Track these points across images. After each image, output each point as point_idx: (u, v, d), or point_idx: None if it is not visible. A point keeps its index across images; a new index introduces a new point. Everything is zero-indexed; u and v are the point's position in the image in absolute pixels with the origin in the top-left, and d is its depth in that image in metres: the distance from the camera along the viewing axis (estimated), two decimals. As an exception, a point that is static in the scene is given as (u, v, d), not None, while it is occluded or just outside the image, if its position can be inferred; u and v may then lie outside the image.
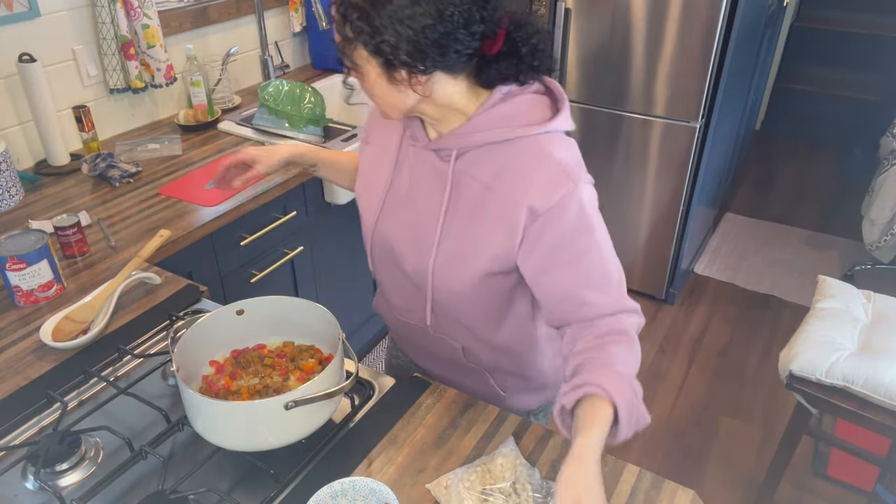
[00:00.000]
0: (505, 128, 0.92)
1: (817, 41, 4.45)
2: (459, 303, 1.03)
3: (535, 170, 0.90)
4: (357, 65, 0.90)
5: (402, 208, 1.04)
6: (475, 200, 0.95)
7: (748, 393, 2.46)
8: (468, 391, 1.18)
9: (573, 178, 0.90)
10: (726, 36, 2.30)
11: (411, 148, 1.02)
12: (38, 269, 1.26)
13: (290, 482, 0.93)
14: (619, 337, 0.92)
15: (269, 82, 2.03)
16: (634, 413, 0.86)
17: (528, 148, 0.92)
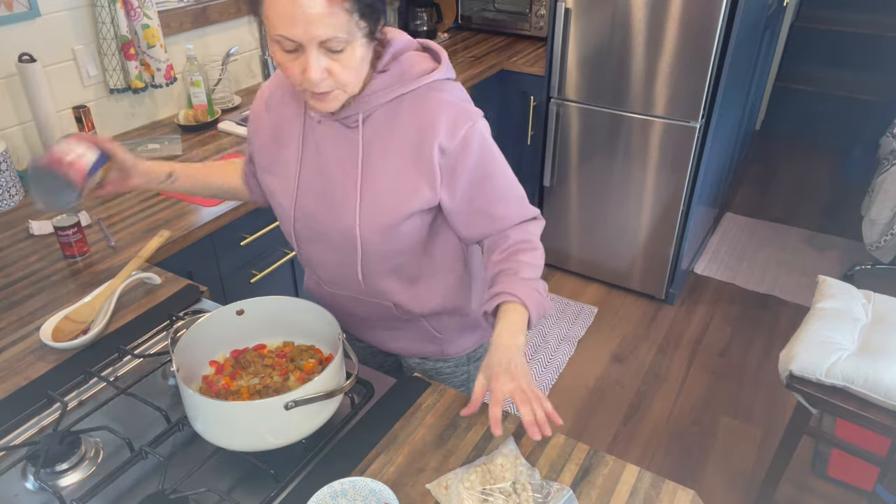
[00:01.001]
0: (401, 83, 1.01)
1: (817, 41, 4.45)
2: (388, 253, 1.11)
3: (436, 114, 1.00)
4: (346, 40, 0.89)
5: (317, 183, 1.09)
6: (387, 154, 1.03)
7: (748, 393, 2.46)
8: (407, 347, 1.28)
9: (471, 115, 1.02)
10: (726, 36, 2.30)
11: (317, 126, 1.07)
12: None
13: (290, 482, 0.93)
14: (524, 244, 1.09)
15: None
16: (540, 307, 1.05)
17: (425, 96, 1.02)
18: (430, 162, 1.02)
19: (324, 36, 0.87)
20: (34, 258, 1.45)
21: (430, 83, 1.02)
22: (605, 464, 0.97)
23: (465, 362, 1.33)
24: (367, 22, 0.90)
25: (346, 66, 0.92)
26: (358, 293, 1.18)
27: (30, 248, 1.49)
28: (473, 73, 2.63)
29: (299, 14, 0.85)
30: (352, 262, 1.12)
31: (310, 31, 0.87)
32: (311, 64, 0.90)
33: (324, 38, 0.87)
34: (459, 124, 1.01)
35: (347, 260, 1.12)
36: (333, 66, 0.91)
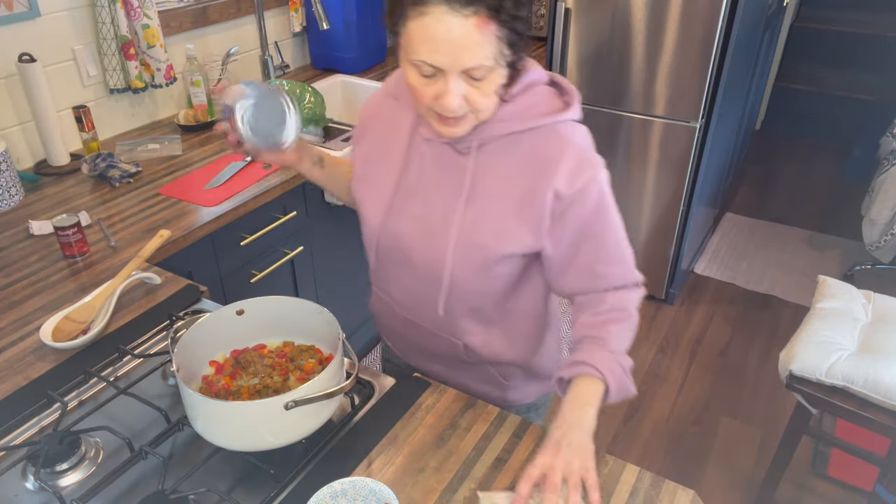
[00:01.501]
0: (527, 117, 0.95)
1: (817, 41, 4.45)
2: (474, 292, 1.05)
3: (559, 156, 0.95)
4: (490, 68, 0.86)
5: (413, 204, 1.04)
6: (495, 190, 0.98)
7: (748, 393, 2.46)
8: (466, 387, 1.20)
9: (594, 164, 0.96)
10: (726, 36, 2.30)
11: (424, 144, 1.02)
12: None
13: (290, 482, 0.93)
14: (619, 314, 1.01)
15: (270, 82, 2.03)
16: (622, 388, 0.97)
17: (549, 136, 0.96)
18: (540, 205, 0.96)
19: (470, 64, 0.84)
20: (34, 258, 1.45)
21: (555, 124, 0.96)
22: (605, 464, 0.97)
23: (525, 410, 1.26)
24: (513, 52, 0.87)
25: (485, 94, 0.89)
26: (431, 325, 1.12)
27: (30, 248, 1.49)
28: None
29: (448, 41, 0.82)
30: (433, 294, 1.06)
31: (456, 60, 0.84)
32: (451, 90, 0.86)
33: (469, 66, 0.84)
34: (582, 172, 0.95)
35: (429, 291, 1.06)
36: (472, 92, 0.88)
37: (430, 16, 0.82)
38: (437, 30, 0.82)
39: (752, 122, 4.14)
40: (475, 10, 0.81)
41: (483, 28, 0.82)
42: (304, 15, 2.54)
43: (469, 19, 0.81)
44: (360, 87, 2.52)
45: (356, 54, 2.54)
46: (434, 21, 0.82)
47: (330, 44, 2.53)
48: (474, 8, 0.81)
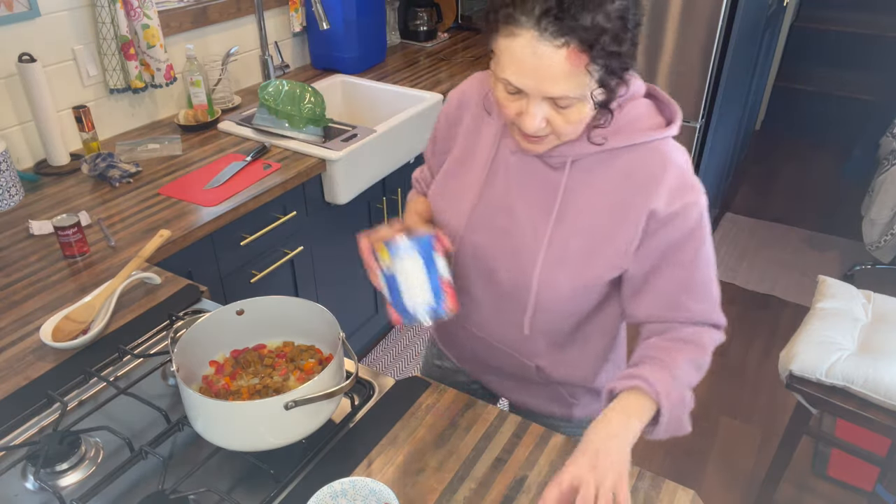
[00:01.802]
0: (628, 134, 0.91)
1: (817, 41, 4.45)
2: (559, 313, 1.01)
3: (660, 176, 0.90)
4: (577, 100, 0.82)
5: (497, 217, 0.99)
6: (587, 207, 0.94)
7: (748, 393, 2.46)
8: (535, 405, 1.18)
9: (697, 189, 0.91)
10: (726, 36, 2.30)
11: (511, 156, 0.98)
12: None
13: (290, 482, 0.93)
14: (693, 348, 0.94)
15: (269, 82, 2.03)
16: (675, 421, 0.90)
17: (650, 153, 0.91)
18: (634, 225, 0.91)
19: (553, 94, 0.81)
20: (34, 258, 1.45)
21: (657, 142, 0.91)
22: (605, 464, 0.97)
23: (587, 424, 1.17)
24: (606, 90, 0.82)
25: (568, 122, 0.85)
26: (505, 344, 1.09)
27: (30, 248, 1.49)
28: (473, 73, 2.63)
29: (535, 68, 0.79)
30: (517, 314, 1.02)
31: (540, 87, 0.81)
32: (532, 113, 0.84)
33: (553, 95, 0.81)
34: (683, 194, 0.90)
35: (512, 310, 1.02)
36: (555, 117, 0.84)
37: (520, 38, 0.79)
38: (525, 54, 0.79)
39: (752, 122, 4.14)
40: (567, 41, 0.76)
41: (573, 61, 0.78)
42: (304, 15, 2.54)
43: (560, 50, 0.77)
44: (360, 87, 2.52)
45: (356, 54, 2.54)
46: (523, 45, 0.79)
47: (330, 44, 2.53)
48: (566, 39, 0.76)
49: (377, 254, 0.88)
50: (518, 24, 0.78)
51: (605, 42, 0.77)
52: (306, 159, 1.90)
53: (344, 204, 2.06)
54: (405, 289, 0.87)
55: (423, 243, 0.87)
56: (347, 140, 1.99)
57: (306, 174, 1.87)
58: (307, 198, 1.94)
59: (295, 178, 1.82)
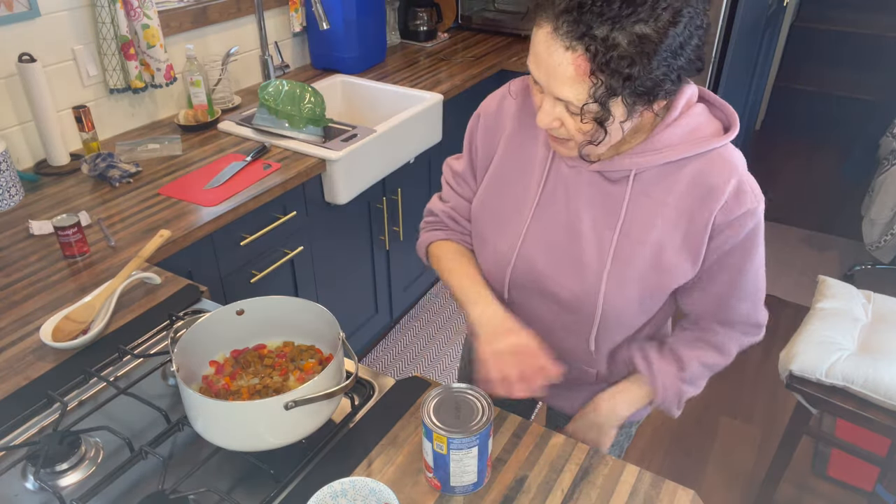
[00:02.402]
0: (690, 143, 0.89)
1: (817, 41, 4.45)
2: (626, 325, 1.02)
3: (724, 184, 0.89)
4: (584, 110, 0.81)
5: (552, 232, 0.98)
6: (653, 219, 0.93)
7: (748, 393, 2.46)
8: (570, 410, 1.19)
9: (758, 196, 0.91)
10: (726, 36, 2.30)
11: (566, 169, 0.96)
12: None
13: (290, 482, 0.93)
14: (715, 355, 1.03)
15: (269, 82, 2.03)
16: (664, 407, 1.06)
17: (713, 162, 0.90)
18: (702, 232, 0.91)
19: (561, 96, 0.81)
20: (34, 258, 1.45)
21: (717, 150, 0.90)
22: (605, 464, 0.97)
23: (628, 424, 1.22)
24: (601, 107, 0.80)
25: (578, 129, 0.85)
26: (565, 357, 1.08)
27: (30, 248, 1.49)
28: (473, 73, 2.63)
29: (547, 64, 0.80)
30: (583, 329, 1.02)
31: (549, 84, 0.82)
32: (544, 108, 0.85)
33: (560, 97, 0.82)
34: (745, 201, 0.89)
35: (574, 325, 1.02)
36: (567, 119, 0.85)
37: (542, 30, 0.80)
38: (541, 47, 0.80)
39: (752, 122, 4.13)
40: (575, 45, 0.76)
41: (579, 66, 0.77)
42: (304, 15, 2.54)
43: (567, 52, 0.77)
44: (360, 87, 2.52)
45: (356, 54, 2.54)
46: (541, 37, 0.80)
47: (330, 44, 2.53)
48: (575, 43, 0.76)
49: (433, 438, 0.86)
50: (544, 14, 0.79)
51: (613, 59, 0.75)
52: (306, 159, 1.90)
53: (344, 204, 2.06)
54: (454, 471, 0.89)
55: (483, 435, 0.87)
56: (347, 140, 1.99)
57: (306, 174, 1.87)
58: (307, 198, 1.94)
59: (295, 178, 1.82)
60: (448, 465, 0.88)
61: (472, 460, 0.88)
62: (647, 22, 0.75)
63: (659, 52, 0.76)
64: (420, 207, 2.62)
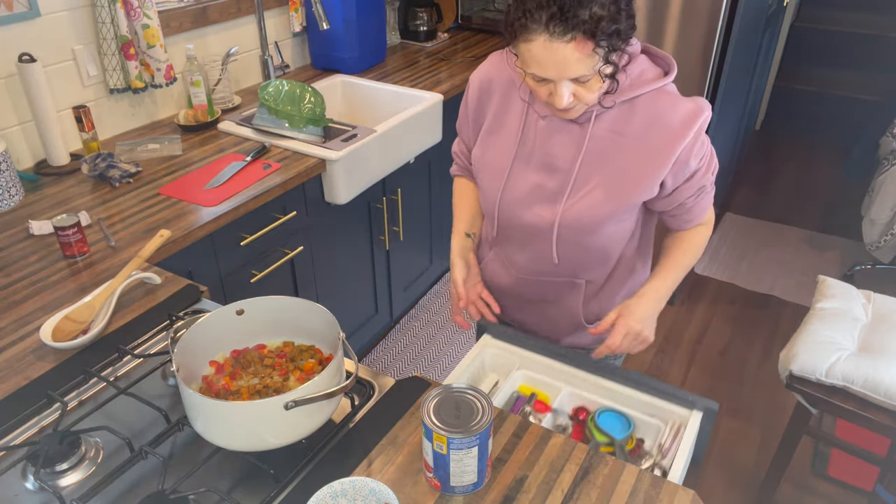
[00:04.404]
0: (637, 86, 1.08)
1: (817, 41, 4.45)
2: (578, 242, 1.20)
3: (672, 114, 1.08)
4: (593, 73, 0.99)
5: (530, 174, 1.18)
6: (608, 149, 1.12)
7: (748, 393, 2.46)
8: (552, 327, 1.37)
9: (703, 107, 1.09)
10: (726, 36, 2.30)
11: (542, 121, 1.15)
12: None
13: (290, 482, 0.93)
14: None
15: (269, 82, 2.03)
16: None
17: (660, 98, 1.09)
18: (664, 159, 1.09)
19: (574, 76, 0.98)
20: (34, 258, 1.45)
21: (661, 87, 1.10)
22: (605, 464, 0.97)
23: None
24: (613, 66, 0.99)
25: (591, 90, 1.02)
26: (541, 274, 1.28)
27: (30, 248, 1.49)
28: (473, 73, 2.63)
29: (553, 60, 0.96)
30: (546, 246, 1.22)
31: (562, 74, 0.98)
32: (561, 93, 1.01)
33: (573, 76, 0.98)
34: (695, 118, 1.08)
35: (543, 244, 1.22)
36: (579, 90, 1.01)
37: (535, 42, 0.96)
38: (542, 53, 0.97)
39: (752, 122, 4.14)
40: (573, 35, 0.94)
41: (582, 48, 0.95)
42: (304, 15, 2.54)
43: (569, 44, 0.94)
44: (360, 87, 2.52)
45: (356, 54, 2.54)
46: (539, 46, 0.96)
47: (330, 44, 2.53)
48: (572, 34, 0.93)
49: (433, 437, 0.87)
50: (531, 31, 0.96)
51: (604, 26, 0.94)
52: (306, 159, 1.90)
53: (344, 204, 2.06)
54: (454, 471, 0.89)
55: (483, 435, 0.87)
56: (347, 140, 1.99)
57: (306, 174, 1.87)
58: (307, 198, 1.94)
59: (295, 178, 1.82)
60: (448, 465, 0.88)
61: (472, 460, 0.88)
62: None
63: (621, 3, 0.96)
64: (420, 208, 2.63)
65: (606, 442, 1.11)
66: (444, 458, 0.87)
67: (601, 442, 1.11)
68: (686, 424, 1.11)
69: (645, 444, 1.14)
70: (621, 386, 1.18)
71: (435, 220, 2.73)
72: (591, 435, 1.12)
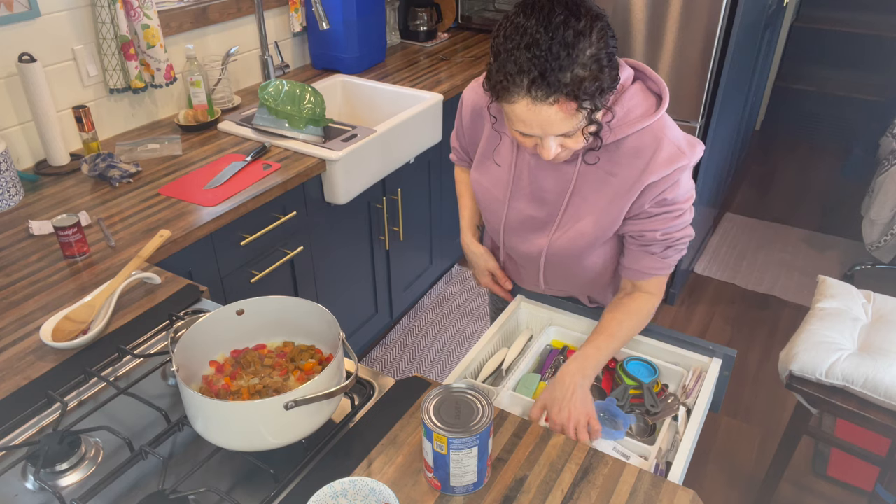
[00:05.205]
0: (625, 125, 1.08)
1: (817, 41, 4.45)
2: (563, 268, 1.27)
3: (655, 153, 1.08)
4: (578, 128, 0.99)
5: (526, 206, 1.23)
6: (597, 186, 1.14)
7: (748, 393, 2.46)
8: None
9: (687, 154, 1.08)
10: (726, 36, 2.30)
11: (530, 157, 1.19)
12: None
13: (290, 482, 0.93)
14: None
15: (269, 82, 2.03)
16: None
17: (645, 136, 1.09)
18: (632, 194, 1.10)
19: (559, 133, 0.99)
20: (34, 258, 1.45)
21: (648, 126, 1.09)
22: (605, 464, 0.97)
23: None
24: (596, 124, 1.00)
25: (577, 141, 1.03)
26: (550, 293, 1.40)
27: (30, 248, 1.49)
28: (473, 73, 2.63)
29: (538, 121, 0.97)
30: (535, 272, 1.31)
31: (546, 131, 0.99)
32: (547, 147, 1.03)
33: (559, 133, 0.99)
34: (675, 161, 1.07)
35: (533, 269, 1.31)
36: (566, 142, 1.03)
37: (518, 104, 0.97)
38: (525, 114, 0.97)
39: (752, 122, 4.14)
40: (556, 98, 0.93)
41: (566, 108, 0.95)
42: (304, 15, 2.54)
43: (552, 106, 0.94)
44: (360, 87, 2.52)
45: (356, 54, 2.54)
46: (522, 108, 0.97)
47: (330, 44, 2.53)
48: (554, 97, 0.93)
49: (433, 437, 0.87)
50: (513, 94, 0.96)
51: (587, 86, 0.93)
52: (306, 159, 1.90)
53: (344, 204, 2.06)
54: (454, 471, 0.89)
55: (483, 435, 0.87)
56: (347, 140, 1.99)
57: (306, 174, 1.87)
58: (307, 198, 1.94)
59: (295, 178, 1.82)
60: (448, 465, 0.88)
61: (472, 460, 0.88)
62: (588, 45, 0.92)
63: (603, 61, 0.94)
64: (420, 207, 2.62)
65: (635, 385, 1.20)
66: (444, 458, 0.87)
67: (630, 385, 1.21)
68: (707, 371, 1.24)
69: (669, 388, 1.27)
70: (646, 337, 1.31)
71: (435, 220, 2.73)
72: (620, 380, 1.24)
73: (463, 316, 2.82)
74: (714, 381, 1.21)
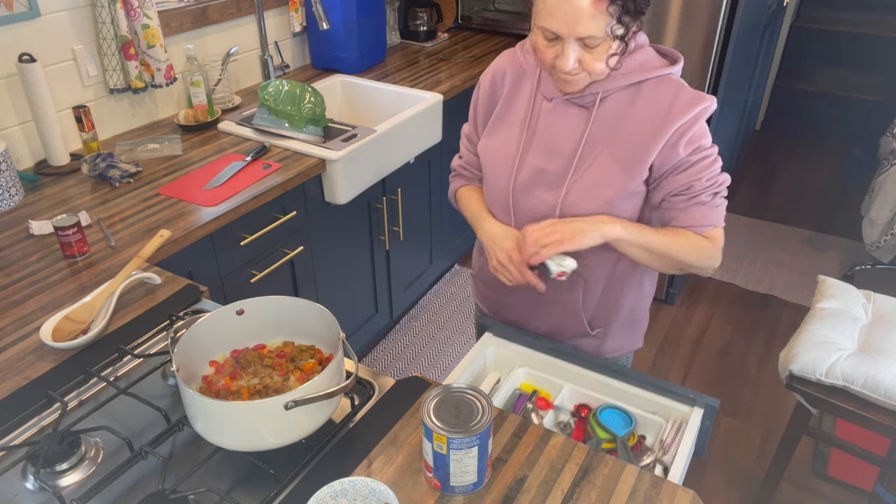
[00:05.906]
0: (644, 71, 1.11)
1: (817, 41, 4.45)
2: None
3: (678, 95, 1.10)
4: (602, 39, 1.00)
5: (537, 159, 1.19)
6: (612, 135, 1.13)
7: (748, 393, 2.46)
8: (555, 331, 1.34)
9: (708, 98, 1.10)
10: (726, 36, 2.30)
11: (546, 102, 1.18)
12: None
13: (290, 482, 0.93)
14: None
15: (269, 82, 2.03)
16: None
17: (663, 84, 1.11)
18: (660, 140, 1.09)
19: (583, 34, 0.99)
20: (34, 258, 1.45)
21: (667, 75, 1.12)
22: (605, 464, 0.97)
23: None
24: (625, 28, 1.01)
25: (596, 59, 1.03)
26: None
27: (30, 248, 1.49)
28: (473, 73, 2.63)
29: (566, 13, 0.98)
30: None
31: (572, 29, 0.99)
32: (566, 54, 1.02)
33: (583, 35, 0.99)
34: (698, 102, 1.09)
35: None
36: (585, 57, 1.03)
37: None
38: (557, 4, 0.98)
39: (752, 122, 4.14)
40: None
41: (597, 4, 0.96)
42: (304, 15, 2.54)
43: None
44: (360, 87, 2.52)
45: (356, 54, 2.54)
46: None
47: (330, 44, 2.53)
48: None
49: (433, 437, 0.87)
50: None
51: None
52: (306, 159, 1.90)
53: (344, 204, 2.06)
54: (454, 471, 0.89)
55: (483, 435, 0.87)
56: (347, 140, 1.99)
57: (306, 174, 1.87)
58: (307, 198, 1.94)
59: (295, 178, 1.82)
60: (448, 465, 0.88)
61: (472, 460, 0.88)
62: None
63: None
64: (420, 207, 2.62)
65: (608, 438, 1.11)
66: (444, 458, 0.87)
67: (603, 438, 1.11)
68: (687, 421, 1.11)
69: (646, 440, 1.15)
70: (623, 383, 1.18)
71: (435, 220, 2.73)
72: (592, 432, 1.13)
73: (463, 316, 2.82)
74: (695, 435, 1.09)
